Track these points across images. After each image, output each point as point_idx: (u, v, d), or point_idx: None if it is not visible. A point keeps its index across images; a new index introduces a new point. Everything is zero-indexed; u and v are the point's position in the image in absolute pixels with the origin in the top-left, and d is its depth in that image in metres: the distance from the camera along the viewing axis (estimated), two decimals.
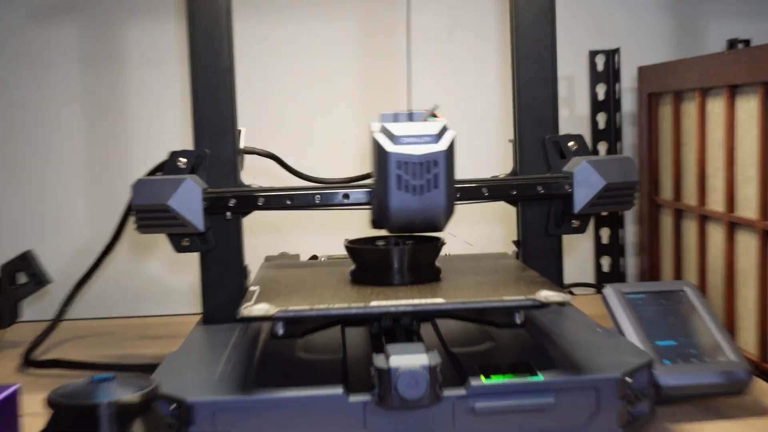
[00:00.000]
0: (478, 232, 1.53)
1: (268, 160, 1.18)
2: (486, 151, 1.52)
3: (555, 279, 1.11)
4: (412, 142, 0.88)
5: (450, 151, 0.89)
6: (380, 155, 0.88)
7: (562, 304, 0.82)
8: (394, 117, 0.91)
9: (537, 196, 1.02)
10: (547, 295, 0.84)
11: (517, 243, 1.15)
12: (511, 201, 1.09)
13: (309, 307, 0.83)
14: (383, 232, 0.96)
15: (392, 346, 0.80)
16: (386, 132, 0.88)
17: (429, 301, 0.84)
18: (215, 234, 1.08)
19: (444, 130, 0.89)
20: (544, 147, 1.10)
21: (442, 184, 0.89)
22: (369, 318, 0.94)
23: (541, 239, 1.12)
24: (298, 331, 0.92)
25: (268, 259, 1.21)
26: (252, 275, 1.10)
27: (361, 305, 0.83)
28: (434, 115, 0.91)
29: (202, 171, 1.06)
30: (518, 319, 0.86)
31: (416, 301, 0.84)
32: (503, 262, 1.06)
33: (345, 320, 0.97)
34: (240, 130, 1.10)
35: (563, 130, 1.16)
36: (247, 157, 1.15)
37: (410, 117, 0.91)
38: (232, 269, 1.09)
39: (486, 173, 1.13)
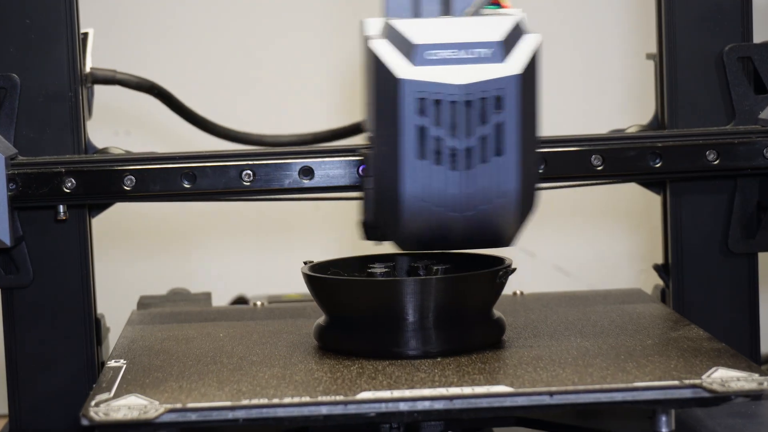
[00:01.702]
0: (579, 249, 1.50)
1: (147, 96, 1.14)
2: (603, 88, 1.50)
3: (744, 344, 1.06)
4: (451, 58, 0.85)
5: (530, 78, 0.87)
6: (383, 85, 0.86)
7: (757, 395, 0.80)
8: (412, 5, 0.90)
9: (704, 170, 0.99)
10: (724, 377, 0.81)
11: (661, 270, 1.09)
12: (649, 182, 1.07)
13: (230, 404, 0.80)
14: (386, 248, 0.96)
15: None
16: (395, 36, 0.86)
17: (482, 390, 0.81)
18: (35, 253, 1.03)
19: (518, 32, 0.87)
20: (722, 68, 1.04)
21: (513, 145, 0.86)
22: (356, 428, 0.89)
23: (713, 263, 1.07)
24: None
25: (143, 303, 1.20)
26: (112, 338, 1.08)
27: (340, 399, 0.80)
28: (495, 3, 0.90)
29: (4, 119, 1.01)
30: (664, 428, 0.83)
31: (454, 391, 0.81)
32: (635, 310, 1.06)
33: None
34: (85, 34, 1.05)
35: (762, 33, 1.07)
36: (103, 94, 1.11)
37: (446, 5, 0.89)
38: (70, 325, 1.03)
39: (602, 127, 1.08)
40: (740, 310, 1.05)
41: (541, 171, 0.96)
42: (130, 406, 0.79)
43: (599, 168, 0.97)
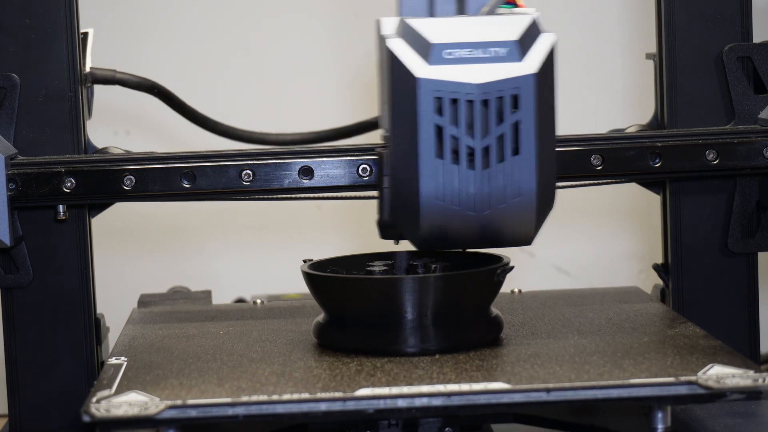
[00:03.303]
0: (579, 249, 1.50)
1: (147, 96, 1.13)
2: (603, 88, 1.51)
3: (743, 343, 1.05)
4: (467, 57, 0.86)
5: (546, 77, 0.87)
6: (401, 84, 0.86)
7: (753, 393, 0.80)
8: (427, 4, 0.90)
9: (704, 170, 0.99)
10: (720, 374, 0.81)
11: (661, 270, 1.09)
12: (649, 182, 1.07)
13: (230, 400, 0.80)
14: (388, 246, 0.96)
15: None
16: (412, 35, 0.86)
17: (479, 387, 0.81)
18: (35, 253, 1.03)
19: (534, 31, 0.87)
20: (721, 68, 1.04)
21: (531, 144, 0.86)
22: (354, 424, 0.90)
23: (713, 263, 1.07)
24: None
25: (143, 302, 1.19)
26: (112, 337, 1.06)
27: (339, 396, 0.81)
28: (511, 2, 0.90)
29: (4, 119, 1.01)
30: (660, 424, 0.82)
31: (452, 388, 0.81)
32: (633, 308, 1.05)
33: (304, 429, 0.94)
34: (85, 34, 1.05)
35: (762, 33, 1.07)
36: (103, 94, 1.11)
37: (461, 4, 0.89)
38: (70, 325, 1.03)
39: (602, 127, 1.08)
40: (740, 309, 1.05)
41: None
42: (131, 402, 0.79)
43: (599, 168, 0.96)
